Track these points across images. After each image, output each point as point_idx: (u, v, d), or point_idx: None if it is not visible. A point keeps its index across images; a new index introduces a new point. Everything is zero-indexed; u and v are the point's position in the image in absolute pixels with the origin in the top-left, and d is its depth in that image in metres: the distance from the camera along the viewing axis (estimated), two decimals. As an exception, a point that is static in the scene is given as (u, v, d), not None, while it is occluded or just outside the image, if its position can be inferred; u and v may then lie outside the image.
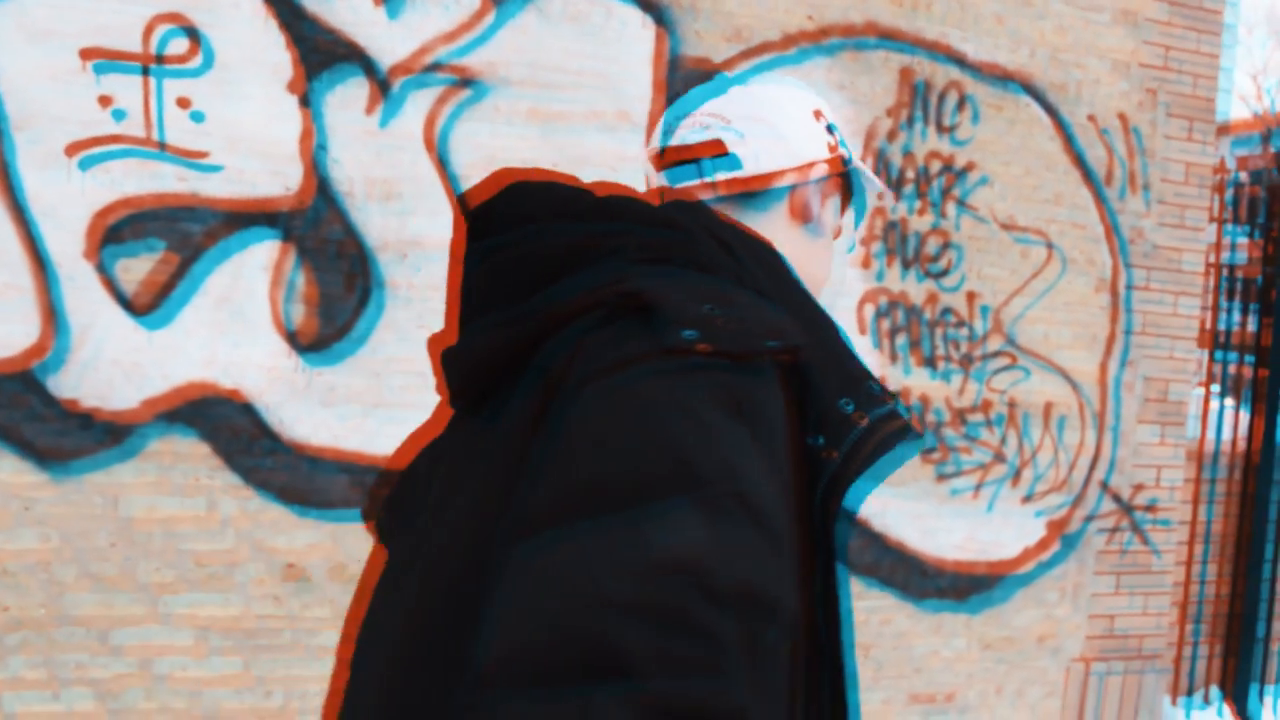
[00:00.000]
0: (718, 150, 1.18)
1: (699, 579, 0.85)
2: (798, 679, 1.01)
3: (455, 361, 1.13)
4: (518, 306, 1.06)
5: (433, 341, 1.27)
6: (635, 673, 0.82)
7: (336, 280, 3.50)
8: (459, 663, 0.92)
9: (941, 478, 4.24)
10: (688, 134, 1.20)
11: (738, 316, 0.99)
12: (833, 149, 1.24)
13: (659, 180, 1.22)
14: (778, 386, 0.98)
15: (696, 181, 1.19)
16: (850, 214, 1.35)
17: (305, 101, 3.44)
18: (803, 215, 1.22)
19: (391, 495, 1.32)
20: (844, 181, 1.30)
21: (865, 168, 1.31)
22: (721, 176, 1.19)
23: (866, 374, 1.08)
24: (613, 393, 0.93)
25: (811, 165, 1.21)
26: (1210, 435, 4.96)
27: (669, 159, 1.21)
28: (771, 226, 1.20)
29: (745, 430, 0.93)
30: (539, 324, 1.03)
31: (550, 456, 0.92)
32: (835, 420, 1.02)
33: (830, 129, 1.25)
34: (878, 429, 1.03)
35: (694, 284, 1.02)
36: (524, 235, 1.10)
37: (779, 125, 1.20)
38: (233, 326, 3.40)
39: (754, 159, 1.18)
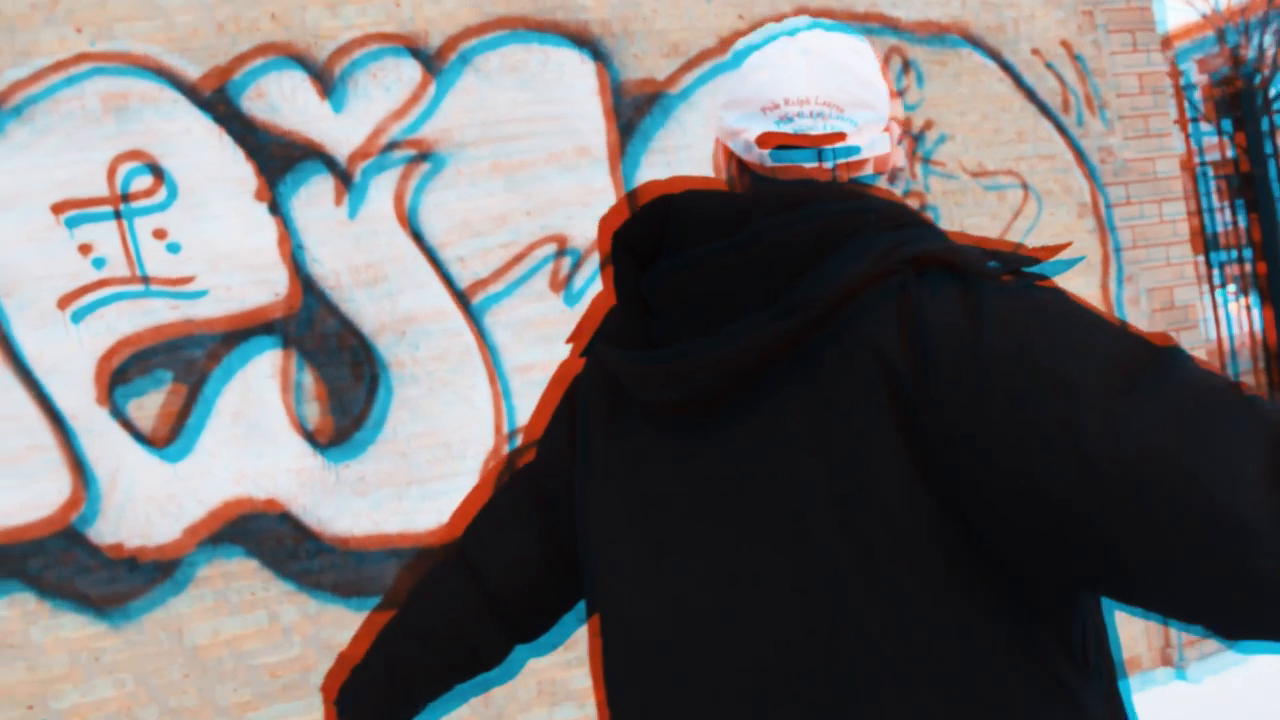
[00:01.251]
0: (838, 140, 1.21)
1: (1240, 395, 0.94)
2: None
3: (706, 367, 1.11)
4: (786, 297, 1.07)
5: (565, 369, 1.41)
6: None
7: (343, 373, 3.55)
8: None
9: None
10: (805, 124, 1.20)
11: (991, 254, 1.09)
12: (897, 96, 1.30)
13: (759, 155, 1.23)
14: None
15: (815, 165, 1.22)
16: None
17: (274, 208, 3.50)
18: (891, 178, 1.29)
19: (534, 470, 1.43)
20: None
21: None
22: (841, 162, 1.22)
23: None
24: (1029, 300, 1.01)
25: (895, 133, 1.27)
26: (1225, 334, 4.98)
27: (779, 141, 1.22)
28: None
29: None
30: (823, 306, 1.04)
31: (1027, 377, 0.96)
32: None
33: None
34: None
35: (948, 239, 1.11)
36: (741, 239, 1.11)
37: (879, 108, 1.24)
38: (253, 440, 3.45)
39: (869, 147, 1.22)
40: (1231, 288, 5.08)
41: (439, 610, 1.46)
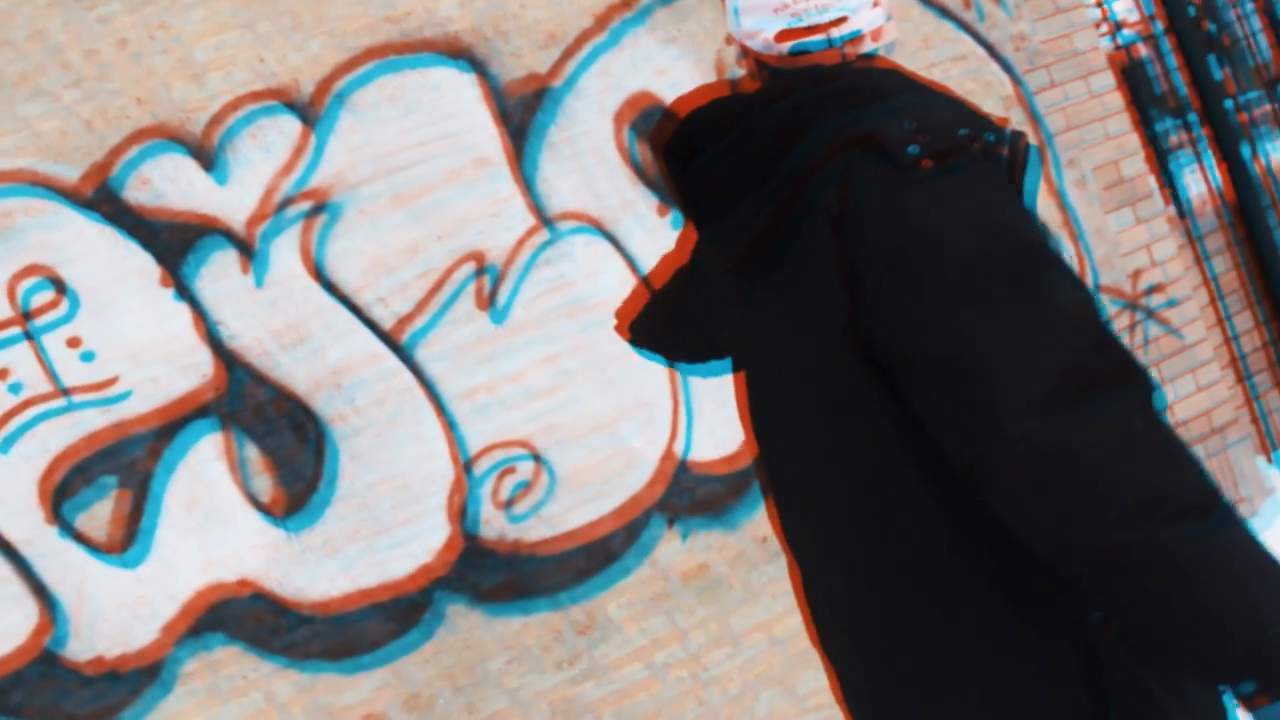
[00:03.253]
0: (842, 23, 1.42)
1: (1094, 315, 1.21)
2: None
3: (732, 243, 1.38)
4: (771, 183, 1.32)
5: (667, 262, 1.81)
6: (1120, 383, 1.17)
7: (286, 439, 3.50)
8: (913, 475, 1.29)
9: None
10: (813, 15, 1.42)
11: (938, 120, 1.28)
12: None
13: (779, 50, 1.45)
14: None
15: (825, 49, 1.44)
16: None
17: (181, 291, 3.45)
18: (887, 49, 1.50)
19: (649, 317, 1.94)
20: None
21: None
22: (847, 41, 1.44)
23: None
24: (927, 193, 1.24)
25: (885, 6, 1.48)
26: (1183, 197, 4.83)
27: (794, 36, 1.43)
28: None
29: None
30: (795, 186, 1.29)
31: (899, 260, 1.23)
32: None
33: None
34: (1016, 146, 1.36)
35: (902, 106, 1.30)
36: (737, 137, 1.37)
37: None
38: (211, 525, 3.40)
39: (867, 24, 1.44)
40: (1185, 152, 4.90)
41: None
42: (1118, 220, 4.41)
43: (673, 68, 3.95)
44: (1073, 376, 1.16)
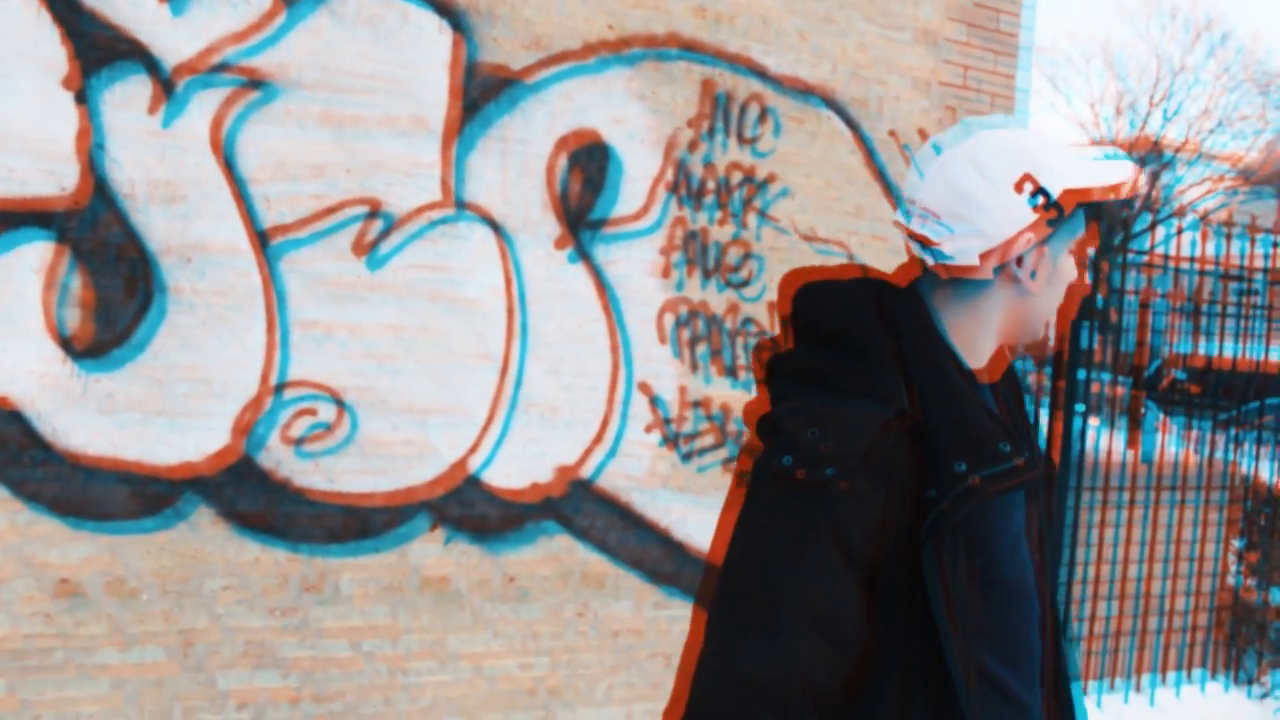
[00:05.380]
0: (928, 242, 1.42)
1: (760, 690, 1.30)
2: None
3: None
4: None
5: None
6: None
7: (115, 284, 3.39)
8: None
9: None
10: (916, 223, 1.43)
11: (830, 440, 1.32)
12: (1041, 209, 1.41)
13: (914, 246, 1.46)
14: (850, 501, 1.32)
15: (931, 263, 1.44)
16: (1076, 236, 1.52)
17: (82, 98, 3.33)
18: (1013, 281, 1.45)
19: None
20: (1063, 216, 1.45)
21: (1094, 179, 1.45)
22: (939, 264, 1.43)
23: (991, 436, 1.39)
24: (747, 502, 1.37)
25: (1013, 242, 1.41)
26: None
27: (912, 235, 1.44)
28: (987, 300, 1.46)
29: (817, 547, 1.32)
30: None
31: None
32: (949, 479, 1.35)
33: (1040, 192, 1.41)
34: (986, 487, 1.37)
35: (809, 411, 1.36)
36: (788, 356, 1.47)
37: (976, 220, 1.40)
38: (0, 330, 3.26)
39: (961, 254, 1.41)
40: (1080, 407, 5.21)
41: None
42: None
43: (632, 121, 4.03)
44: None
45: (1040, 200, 1.41)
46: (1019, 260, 1.43)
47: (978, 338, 1.48)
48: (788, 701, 1.29)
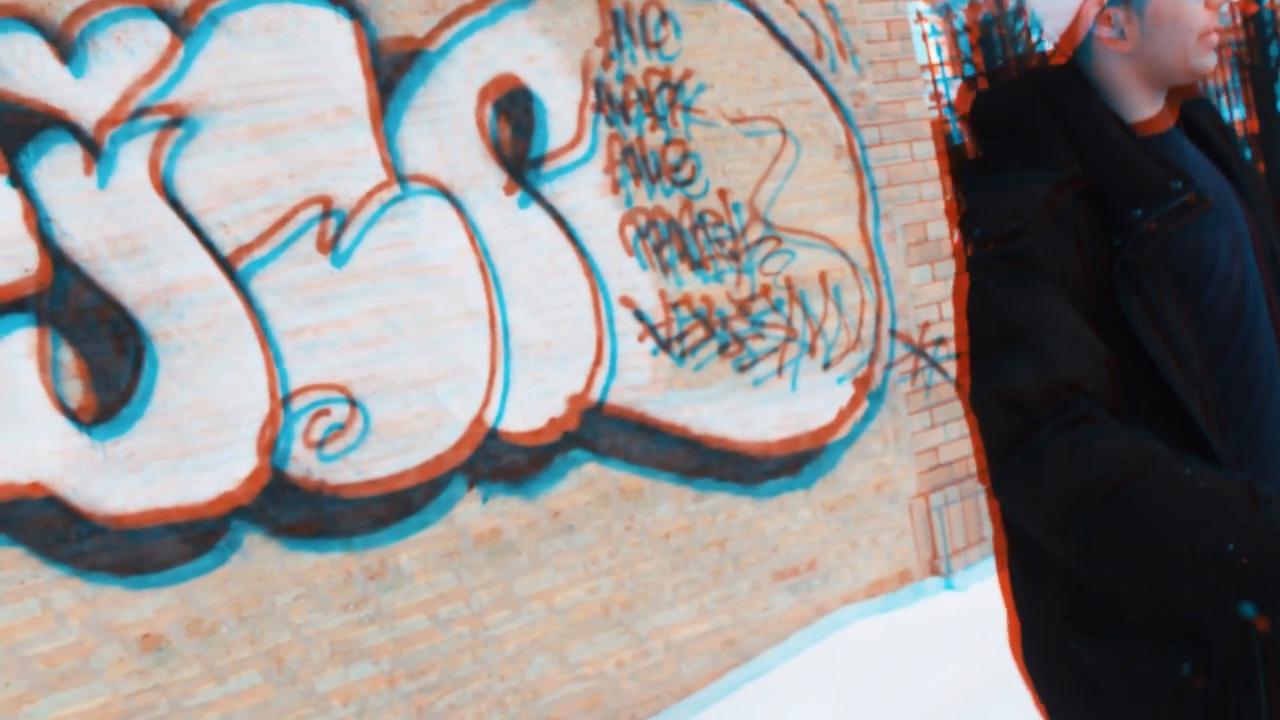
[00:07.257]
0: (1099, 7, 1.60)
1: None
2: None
3: None
4: None
5: None
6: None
7: (104, 347, 3.45)
8: None
9: (743, 369, 4.44)
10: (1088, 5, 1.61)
11: (1009, 206, 1.54)
12: None
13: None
14: (1042, 248, 1.52)
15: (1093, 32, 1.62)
16: None
17: (15, 179, 3.36)
18: (1114, 42, 1.62)
19: None
20: None
21: None
22: (1102, 32, 1.62)
23: (1161, 179, 1.54)
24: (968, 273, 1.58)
25: (1083, 11, 1.63)
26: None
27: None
28: (1111, 60, 1.63)
29: (1033, 287, 1.50)
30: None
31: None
32: (1129, 225, 1.52)
33: None
34: (1164, 226, 1.52)
35: (989, 190, 1.58)
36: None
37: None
38: (10, 423, 3.32)
39: (1052, 32, 1.65)
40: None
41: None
42: (918, 274, 4.83)
43: (543, 57, 4.10)
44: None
45: None
46: (1108, 21, 1.61)
47: (1127, 93, 1.64)
48: (1057, 395, 1.43)
